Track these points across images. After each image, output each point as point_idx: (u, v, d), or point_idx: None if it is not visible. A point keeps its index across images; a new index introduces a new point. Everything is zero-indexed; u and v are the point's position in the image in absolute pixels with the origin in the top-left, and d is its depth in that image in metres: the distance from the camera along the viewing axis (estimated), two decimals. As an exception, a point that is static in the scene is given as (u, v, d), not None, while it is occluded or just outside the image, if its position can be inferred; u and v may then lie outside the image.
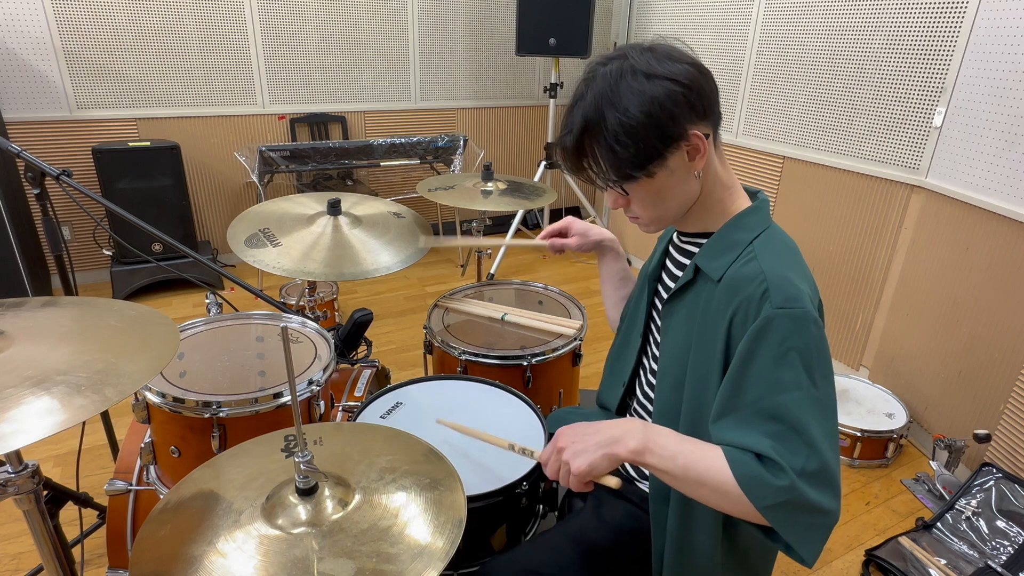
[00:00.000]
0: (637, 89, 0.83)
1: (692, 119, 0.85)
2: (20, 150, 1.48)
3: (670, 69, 0.84)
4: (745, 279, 0.86)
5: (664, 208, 0.93)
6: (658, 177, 0.88)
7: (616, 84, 0.84)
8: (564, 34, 3.59)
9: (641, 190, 0.91)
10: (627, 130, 0.83)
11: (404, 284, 3.78)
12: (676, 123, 0.84)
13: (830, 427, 0.82)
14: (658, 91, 0.83)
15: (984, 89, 2.08)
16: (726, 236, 0.93)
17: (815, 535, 0.81)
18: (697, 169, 0.89)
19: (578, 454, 0.86)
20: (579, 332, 1.67)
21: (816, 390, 0.81)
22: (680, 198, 0.92)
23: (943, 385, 2.29)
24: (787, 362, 0.80)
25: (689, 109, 0.84)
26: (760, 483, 0.78)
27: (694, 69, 0.85)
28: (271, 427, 1.12)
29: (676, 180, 0.89)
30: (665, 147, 0.85)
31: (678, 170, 0.88)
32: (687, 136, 0.85)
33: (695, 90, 0.84)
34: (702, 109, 0.86)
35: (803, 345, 0.81)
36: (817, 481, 0.78)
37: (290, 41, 3.70)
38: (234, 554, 0.77)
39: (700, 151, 0.87)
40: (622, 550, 1.08)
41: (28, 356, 0.83)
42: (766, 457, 0.79)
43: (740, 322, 0.85)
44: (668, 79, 0.83)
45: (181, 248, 1.69)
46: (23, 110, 3.24)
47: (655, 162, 0.86)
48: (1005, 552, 1.79)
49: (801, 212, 2.90)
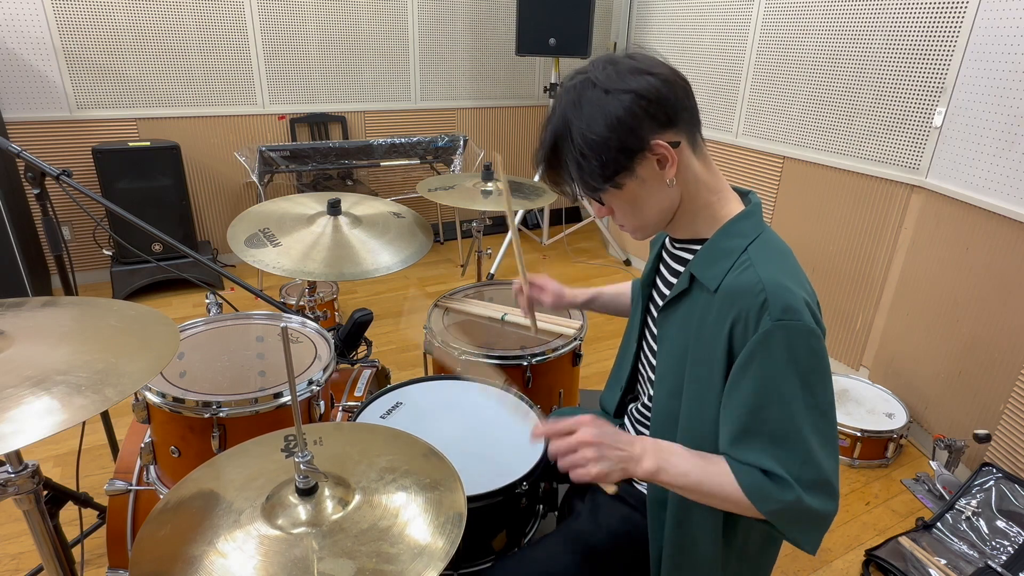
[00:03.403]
0: (597, 104, 0.85)
1: (655, 129, 0.86)
2: (20, 150, 1.48)
3: (630, 84, 0.85)
4: (743, 289, 0.86)
5: (644, 216, 0.95)
6: (628, 187, 0.90)
7: (579, 100, 0.87)
8: (564, 34, 3.59)
9: (615, 200, 0.93)
10: (590, 144, 0.86)
11: (404, 284, 3.78)
12: (637, 136, 0.85)
13: (829, 435, 0.86)
14: (615, 106, 0.84)
15: (984, 89, 2.08)
16: (719, 243, 0.93)
17: (815, 531, 0.89)
18: (669, 177, 0.89)
19: (599, 460, 0.87)
20: (579, 332, 1.67)
21: (814, 399, 0.84)
22: (657, 206, 0.93)
23: (943, 385, 2.29)
24: (786, 375, 0.83)
25: (651, 120, 0.85)
26: (766, 496, 0.85)
27: (656, 80, 0.86)
28: (271, 427, 1.12)
29: (649, 189, 0.90)
30: (629, 159, 0.87)
31: (649, 180, 0.89)
32: (651, 147, 0.86)
33: (655, 101, 0.85)
34: (665, 118, 0.87)
35: (801, 357, 0.83)
36: (817, 490, 0.84)
37: (290, 41, 3.70)
38: (234, 554, 0.77)
39: (668, 160, 0.88)
40: (620, 553, 1.08)
41: (28, 356, 0.83)
42: (771, 472, 0.85)
43: (740, 333, 0.86)
44: (626, 92, 0.84)
45: (181, 248, 1.69)
46: (23, 110, 3.24)
47: (621, 174, 0.88)
48: (1005, 552, 1.79)
49: (801, 212, 2.90)
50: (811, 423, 0.84)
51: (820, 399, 0.85)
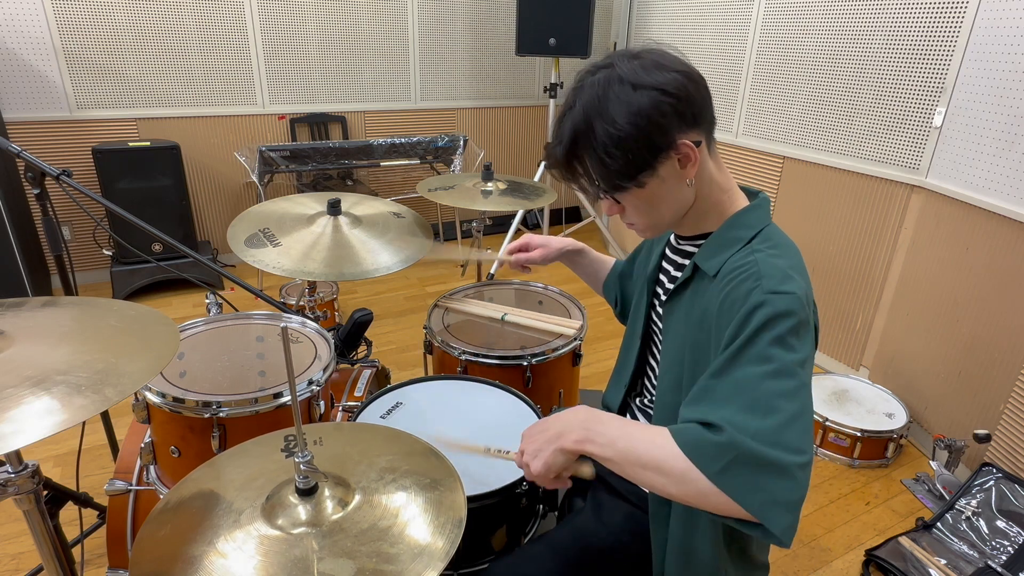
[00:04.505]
0: (624, 100, 0.83)
1: (681, 128, 0.85)
2: (20, 150, 1.48)
3: (657, 79, 0.83)
4: (737, 268, 0.86)
5: (658, 215, 0.94)
6: (649, 186, 0.88)
7: (604, 95, 0.84)
8: (564, 34, 3.59)
9: (633, 199, 0.91)
10: (615, 142, 0.83)
11: (404, 284, 3.78)
12: (664, 133, 0.84)
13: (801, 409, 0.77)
14: (645, 102, 0.82)
15: (984, 89, 2.08)
16: (724, 234, 0.93)
17: (780, 507, 0.73)
18: (689, 177, 0.89)
19: (535, 455, 0.88)
20: (579, 332, 1.67)
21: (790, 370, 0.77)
22: (674, 205, 0.93)
23: (943, 385, 2.29)
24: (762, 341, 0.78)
25: (677, 118, 0.84)
26: (702, 445, 0.75)
27: (682, 77, 0.84)
28: (271, 427, 1.12)
29: (668, 188, 0.89)
30: (654, 157, 0.85)
31: (669, 179, 0.88)
32: (676, 146, 0.85)
33: (683, 99, 0.84)
34: (691, 117, 0.86)
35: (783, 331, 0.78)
36: (771, 442, 0.73)
37: (290, 41, 3.70)
38: (234, 554, 0.77)
39: (691, 159, 0.87)
40: (622, 551, 1.08)
41: (28, 356, 0.83)
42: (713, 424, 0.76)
43: (728, 307, 0.84)
44: (655, 89, 0.82)
45: (181, 248, 1.69)
46: (23, 110, 3.24)
47: (645, 172, 0.86)
48: (1005, 552, 1.79)
49: (801, 212, 2.90)
50: (778, 388, 0.76)
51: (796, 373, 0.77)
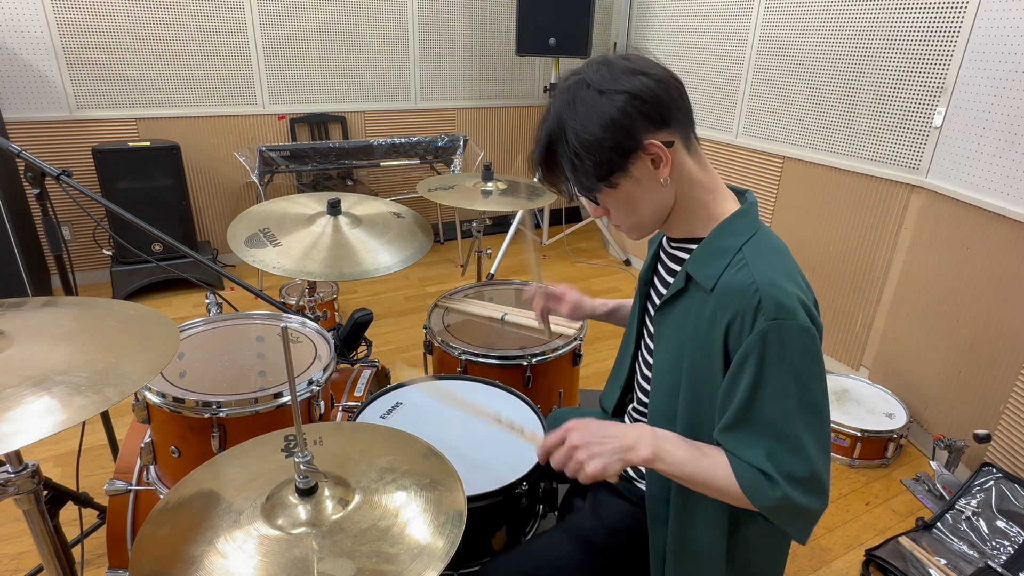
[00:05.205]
0: (591, 104, 0.86)
1: (648, 129, 0.87)
2: (20, 150, 1.48)
3: (624, 84, 0.86)
4: (738, 289, 0.87)
5: (639, 216, 0.96)
6: (623, 187, 0.91)
7: (573, 100, 0.88)
8: (564, 34, 3.59)
9: (610, 200, 0.94)
10: (584, 145, 0.87)
11: (404, 284, 3.78)
12: (631, 136, 0.86)
13: (821, 432, 0.88)
14: (609, 106, 0.85)
15: (984, 89, 2.08)
16: (715, 242, 0.94)
17: (804, 524, 0.91)
18: (663, 176, 0.90)
19: (594, 456, 0.89)
20: (579, 332, 1.67)
21: (808, 396, 0.86)
22: (652, 205, 0.94)
23: (943, 385, 2.29)
24: (780, 373, 0.85)
25: (644, 120, 0.86)
26: (759, 491, 0.87)
27: (650, 80, 0.87)
28: (271, 427, 1.12)
29: (644, 189, 0.92)
30: (623, 159, 0.88)
31: (644, 179, 0.90)
32: (645, 147, 0.87)
33: (648, 101, 0.86)
34: (659, 118, 0.88)
35: (795, 355, 0.84)
36: (806, 487, 0.86)
37: (290, 41, 3.70)
38: (234, 554, 0.77)
39: (663, 160, 0.89)
40: (620, 549, 1.08)
41: (28, 356, 0.83)
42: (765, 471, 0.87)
43: (736, 333, 0.87)
44: (620, 92, 0.85)
45: (181, 248, 1.69)
46: (23, 110, 3.24)
47: (616, 174, 0.89)
48: (1005, 552, 1.79)
49: (801, 212, 2.90)
50: (803, 421, 0.86)
51: (814, 397, 0.86)
